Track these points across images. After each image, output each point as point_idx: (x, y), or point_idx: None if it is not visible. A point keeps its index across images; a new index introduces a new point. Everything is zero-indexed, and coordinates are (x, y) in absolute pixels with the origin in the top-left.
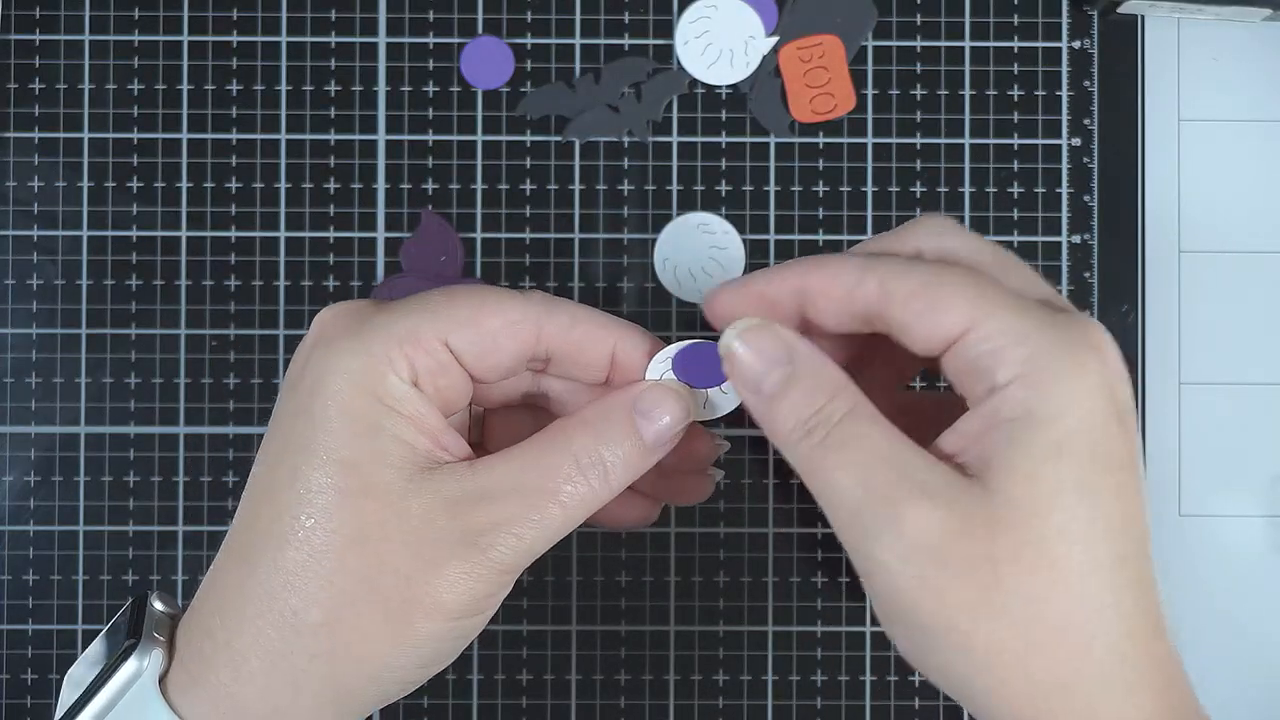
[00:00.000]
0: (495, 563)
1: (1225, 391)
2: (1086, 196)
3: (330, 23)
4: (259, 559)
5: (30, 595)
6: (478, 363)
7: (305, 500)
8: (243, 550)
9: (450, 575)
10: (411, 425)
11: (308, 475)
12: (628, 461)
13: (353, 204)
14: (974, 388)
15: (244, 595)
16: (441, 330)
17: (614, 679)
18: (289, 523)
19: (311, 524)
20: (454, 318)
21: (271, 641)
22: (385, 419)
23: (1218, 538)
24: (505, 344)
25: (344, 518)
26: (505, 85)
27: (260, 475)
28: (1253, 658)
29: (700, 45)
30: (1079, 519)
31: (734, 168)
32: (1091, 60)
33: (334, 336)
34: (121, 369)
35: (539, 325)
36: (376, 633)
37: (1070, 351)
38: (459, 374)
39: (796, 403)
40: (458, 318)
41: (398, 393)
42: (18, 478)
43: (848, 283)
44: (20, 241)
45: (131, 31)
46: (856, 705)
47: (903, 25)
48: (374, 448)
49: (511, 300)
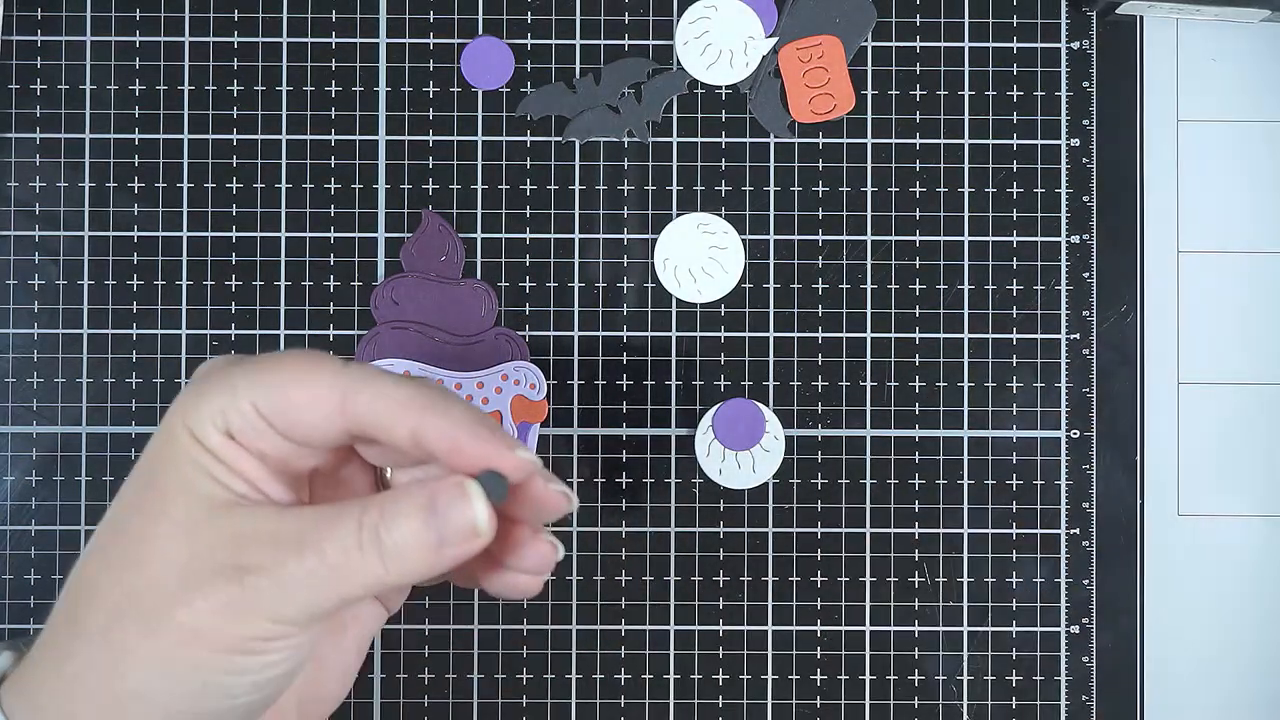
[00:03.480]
0: (253, 602)
1: (1224, 391)
2: (1085, 197)
3: (331, 23)
4: (77, 564)
5: (32, 595)
6: (287, 429)
7: (113, 515)
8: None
9: (208, 603)
10: (223, 466)
11: (122, 492)
12: (406, 551)
13: (353, 204)
14: None
15: (62, 598)
16: (253, 395)
17: (614, 679)
18: (97, 534)
19: (108, 537)
20: (264, 383)
21: (61, 646)
22: (201, 456)
23: (1216, 537)
24: (307, 415)
25: (134, 534)
26: (505, 85)
27: None
28: (1252, 657)
29: (700, 45)
30: None
31: (734, 168)
32: (1090, 61)
33: (194, 381)
34: (123, 369)
35: (344, 398)
36: (138, 649)
37: None
38: (273, 435)
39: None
40: (268, 383)
41: (213, 440)
42: (19, 477)
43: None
44: (22, 242)
45: (133, 32)
46: (856, 705)
47: (902, 26)
48: (180, 476)
49: (320, 372)
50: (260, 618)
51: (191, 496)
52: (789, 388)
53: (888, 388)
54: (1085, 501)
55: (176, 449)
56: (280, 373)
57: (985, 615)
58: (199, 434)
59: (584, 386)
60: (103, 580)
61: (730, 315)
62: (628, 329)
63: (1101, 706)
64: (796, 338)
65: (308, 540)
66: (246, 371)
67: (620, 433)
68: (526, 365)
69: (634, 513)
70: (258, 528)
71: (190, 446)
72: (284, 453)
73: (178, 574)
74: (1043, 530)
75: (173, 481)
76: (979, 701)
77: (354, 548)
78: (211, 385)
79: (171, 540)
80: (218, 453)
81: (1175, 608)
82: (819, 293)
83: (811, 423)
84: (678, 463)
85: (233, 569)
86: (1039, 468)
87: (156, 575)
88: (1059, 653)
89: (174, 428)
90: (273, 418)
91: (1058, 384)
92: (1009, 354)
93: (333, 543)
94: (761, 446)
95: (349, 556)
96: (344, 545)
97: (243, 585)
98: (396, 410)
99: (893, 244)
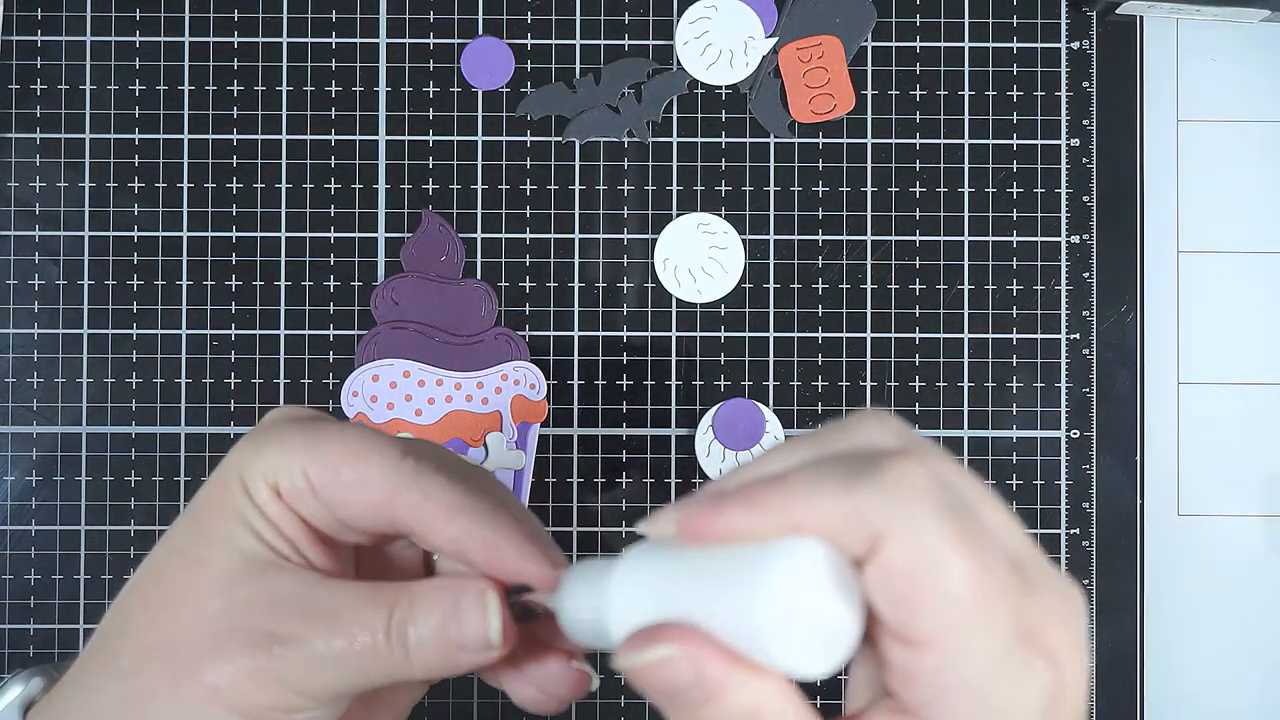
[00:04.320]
0: (276, 672)
1: (1224, 391)
2: (1085, 197)
3: (331, 24)
4: (120, 593)
5: (32, 594)
6: (331, 505)
7: (159, 550)
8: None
9: (232, 667)
10: (267, 524)
11: (172, 529)
12: (428, 647)
13: (353, 204)
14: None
15: (100, 626)
16: (305, 460)
17: (614, 678)
18: (142, 567)
19: (149, 574)
20: (318, 453)
21: (90, 678)
22: (248, 509)
23: (1217, 537)
24: (353, 497)
25: (172, 577)
26: (505, 85)
27: None
28: (1252, 657)
29: (700, 45)
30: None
31: (734, 168)
32: (1090, 61)
33: (258, 429)
34: (123, 369)
35: (392, 494)
36: (161, 695)
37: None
38: (319, 504)
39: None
40: (321, 455)
41: (262, 496)
42: (19, 477)
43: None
44: (22, 242)
45: (133, 32)
46: None
47: (902, 26)
48: (225, 526)
49: (376, 458)
50: (283, 688)
51: (233, 549)
52: (789, 388)
53: (888, 388)
54: (1085, 501)
55: (226, 497)
56: (337, 447)
57: None
58: (250, 486)
59: (584, 386)
60: (138, 618)
61: (730, 315)
62: (628, 329)
63: (1101, 706)
64: (796, 338)
65: (339, 620)
66: (306, 434)
67: (620, 433)
68: (526, 365)
69: (634, 513)
70: (294, 594)
71: (239, 497)
72: (328, 525)
73: (210, 629)
74: (1043, 530)
75: (218, 530)
76: None
77: (381, 637)
78: (270, 440)
79: (208, 591)
80: (265, 509)
81: (1175, 608)
82: (819, 293)
83: (811, 423)
84: (678, 463)
85: (263, 635)
86: (1039, 468)
87: (189, 626)
88: None
89: (228, 474)
90: (320, 489)
91: (1058, 384)
92: (1009, 354)
93: (362, 628)
94: (761, 446)
95: (375, 644)
96: (372, 632)
97: (270, 654)
98: (443, 517)
99: (893, 244)
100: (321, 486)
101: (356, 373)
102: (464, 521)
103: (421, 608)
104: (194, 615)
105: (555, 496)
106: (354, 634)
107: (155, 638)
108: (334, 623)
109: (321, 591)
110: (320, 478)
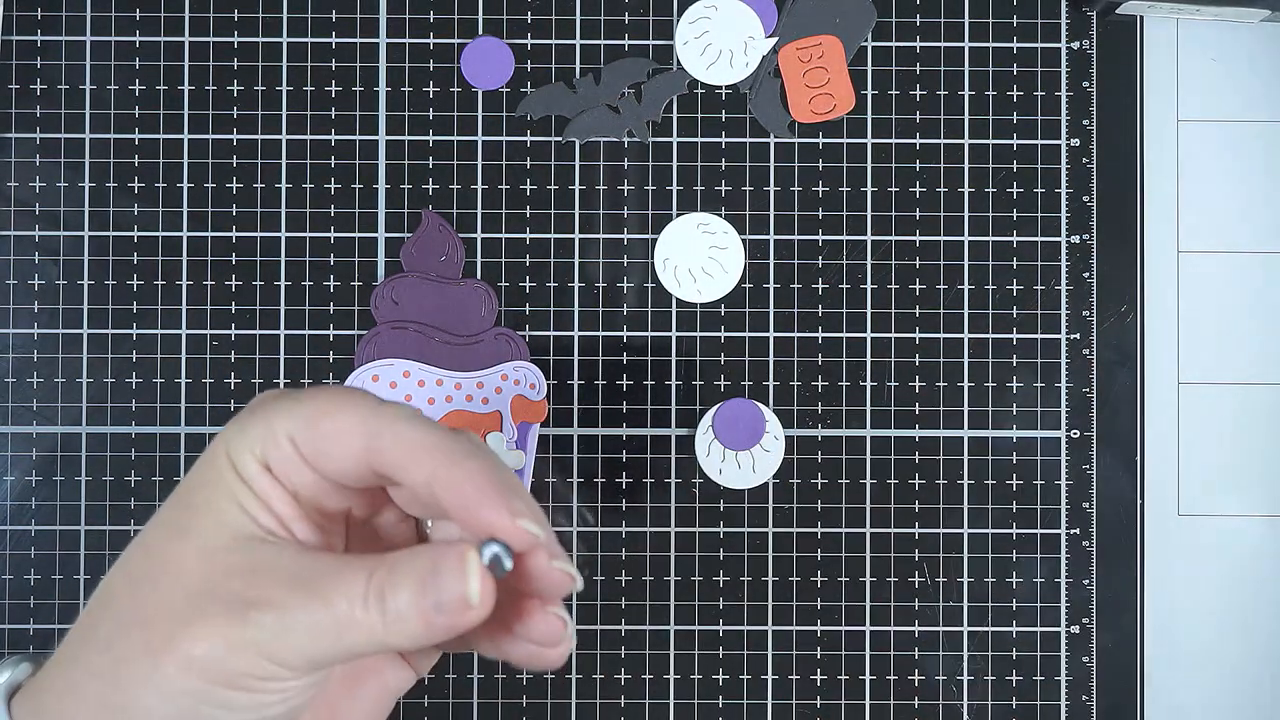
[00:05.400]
0: (251, 638)
1: (1224, 391)
2: (1085, 197)
3: (331, 24)
4: (105, 577)
5: (32, 595)
6: (315, 460)
7: (146, 530)
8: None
9: (206, 630)
10: (255, 499)
11: (160, 509)
12: (406, 614)
13: (353, 204)
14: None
15: (87, 605)
16: (288, 426)
17: (614, 679)
18: (129, 547)
19: (135, 550)
20: (298, 414)
21: (71, 649)
22: (235, 485)
23: (1217, 537)
24: (334, 448)
25: (156, 550)
26: (505, 85)
27: None
28: (1252, 657)
29: (700, 45)
30: None
31: (734, 168)
32: (1090, 61)
33: (243, 411)
34: (123, 369)
35: (370, 436)
36: (138, 664)
37: None
38: (307, 470)
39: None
40: (301, 414)
41: (250, 470)
42: (19, 477)
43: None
44: (22, 242)
45: (133, 32)
46: (856, 705)
47: (902, 25)
48: (212, 502)
49: (351, 406)
50: (257, 655)
51: (218, 523)
52: (789, 388)
53: (888, 388)
54: (1085, 501)
55: (214, 475)
56: (313, 403)
57: (985, 615)
58: (237, 463)
59: (584, 386)
60: (120, 591)
61: (730, 315)
62: (628, 329)
63: (1101, 706)
64: (796, 338)
65: (318, 587)
66: (286, 400)
67: (620, 433)
68: (526, 365)
69: (634, 513)
70: (275, 564)
71: (227, 474)
72: (316, 490)
73: (187, 596)
74: (1043, 530)
75: (204, 506)
76: (979, 701)
77: (359, 603)
78: (255, 416)
79: (189, 561)
80: (252, 484)
81: (1175, 608)
82: (819, 293)
83: (811, 423)
84: (678, 463)
85: (240, 601)
86: (1039, 468)
87: (167, 594)
88: (1059, 653)
89: (216, 454)
90: (302, 447)
91: (1058, 384)
92: (1009, 354)
93: (340, 594)
94: (761, 446)
95: (353, 611)
96: (350, 599)
97: (246, 621)
98: (416, 454)
99: (893, 244)
100: (304, 443)
101: (356, 373)
102: (435, 460)
103: (400, 569)
104: (173, 584)
105: (555, 496)
106: (332, 600)
107: (134, 608)
108: (312, 589)
109: (304, 561)
110: (301, 434)
